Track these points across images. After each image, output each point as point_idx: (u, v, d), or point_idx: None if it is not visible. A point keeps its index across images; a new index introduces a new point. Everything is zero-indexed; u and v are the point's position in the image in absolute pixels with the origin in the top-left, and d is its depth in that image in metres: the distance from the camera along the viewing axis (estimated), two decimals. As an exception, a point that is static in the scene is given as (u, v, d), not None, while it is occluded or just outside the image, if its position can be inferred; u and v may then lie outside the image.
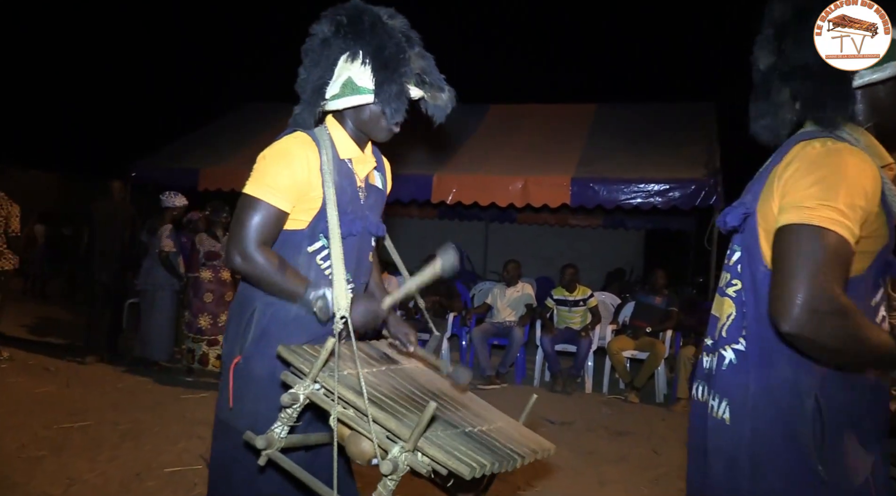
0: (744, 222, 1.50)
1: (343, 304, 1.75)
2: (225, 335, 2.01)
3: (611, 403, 6.17)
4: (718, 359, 1.52)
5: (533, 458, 1.75)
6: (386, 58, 1.86)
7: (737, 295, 1.51)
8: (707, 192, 6.66)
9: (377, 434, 1.48)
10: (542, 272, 10.88)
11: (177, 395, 5.49)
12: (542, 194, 7.11)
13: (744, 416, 1.44)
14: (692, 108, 8.86)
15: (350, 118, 1.97)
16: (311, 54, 1.92)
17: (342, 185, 1.93)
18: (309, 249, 1.92)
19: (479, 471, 1.45)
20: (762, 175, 1.50)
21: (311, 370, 1.60)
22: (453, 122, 8.08)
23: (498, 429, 1.82)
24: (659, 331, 6.58)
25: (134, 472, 3.73)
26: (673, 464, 4.48)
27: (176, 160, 8.44)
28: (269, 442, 1.60)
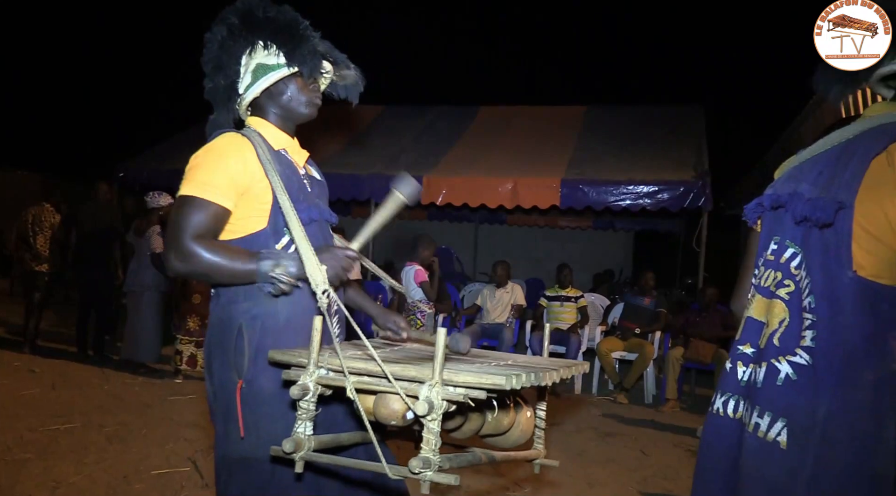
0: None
1: (320, 279, 1.66)
2: (208, 367, 1.87)
3: (600, 404, 6.19)
4: (769, 371, 1.34)
5: (568, 374, 1.68)
6: (286, 30, 1.85)
7: (791, 297, 1.35)
8: (695, 193, 6.71)
9: (401, 387, 1.41)
10: (532, 274, 10.92)
11: (164, 397, 5.46)
12: (532, 196, 7.14)
13: (808, 442, 1.24)
14: (681, 111, 8.93)
15: (271, 106, 1.93)
16: (211, 61, 1.90)
17: (285, 173, 1.86)
18: (277, 247, 1.82)
19: (516, 382, 1.38)
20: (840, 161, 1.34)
21: (310, 358, 1.54)
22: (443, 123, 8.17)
23: (525, 361, 1.81)
24: (648, 333, 6.61)
25: (121, 475, 3.70)
26: (661, 465, 4.49)
27: (163, 161, 8.40)
28: (296, 444, 1.50)
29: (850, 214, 1.26)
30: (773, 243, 1.43)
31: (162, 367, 6.39)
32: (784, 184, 1.45)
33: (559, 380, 1.60)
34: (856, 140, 1.33)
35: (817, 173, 1.37)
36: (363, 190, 7.61)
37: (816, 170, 1.38)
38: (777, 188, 1.47)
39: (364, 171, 7.58)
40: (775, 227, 1.44)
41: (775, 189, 1.47)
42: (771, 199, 1.46)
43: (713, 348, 6.22)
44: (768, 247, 1.45)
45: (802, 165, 1.44)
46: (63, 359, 6.53)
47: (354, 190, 7.57)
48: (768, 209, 1.47)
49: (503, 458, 1.79)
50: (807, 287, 1.32)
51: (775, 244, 1.43)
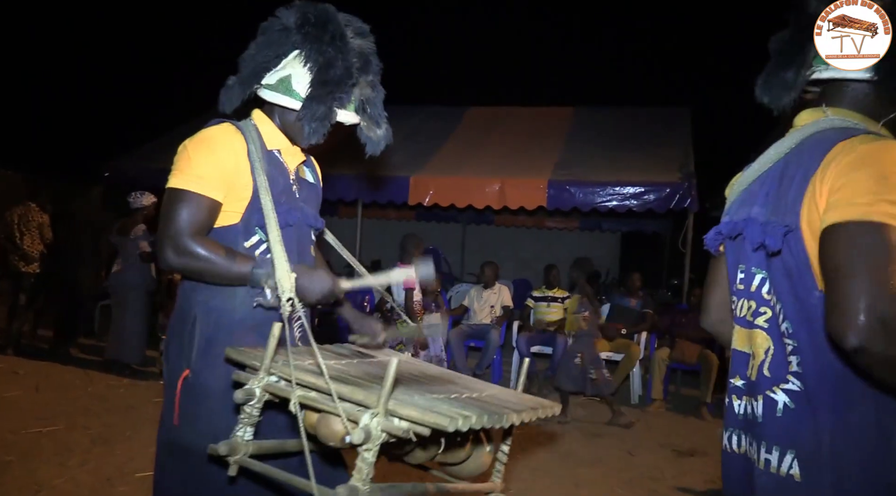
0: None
1: (287, 286, 1.64)
2: (165, 352, 1.88)
3: (586, 405, 6.21)
4: (766, 403, 1.30)
5: (534, 416, 1.64)
6: (328, 77, 1.81)
7: (770, 325, 1.33)
8: (682, 195, 6.74)
9: (344, 409, 1.38)
10: (520, 274, 10.94)
11: (149, 399, 5.41)
12: (519, 196, 7.16)
13: (820, 470, 1.21)
14: (668, 113, 8.99)
15: (278, 114, 1.91)
16: (267, 35, 1.86)
17: (272, 173, 1.84)
18: (245, 244, 1.81)
19: (463, 424, 1.33)
20: (783, 180, 1.32)
21: (262, 362, 1.52)
22: (431, 124, 8.16)
23: (491, 395, 1.74)
24: (634, 333, 6.64)
25: (105, 478, 3.67)
26: (647, 465, 4.52)
27: (151, 160, 8.34)
28: (232, 447, 1.49)
29: (800, 236, 1.24)
30: (740, 272, 1.41)
31: (147, 369, 6.34)
32: (738, 209, 1.44)
33: (518, 423, 1.56)
34: (793, 155, 1.33)
35: (765, 195, 1.36)
36: (350, 190, 7.59)
37: (764, 191, 1.37)
38: (732, 214, 1.46)
39: (351, 171, 7.56)
40: (739, 256, 1.42)
41: (731, 215, 1.46)
42: (728, 227, 1.45)
43: (698, 349, 6.26)
44: (736, 275, 1.43)
45: (752, 187, 1.43)
46: (47, 361, 6.46)
47: (341, 190, 7.55)
48: (728, 237, 1.46)
49: (453, 490, 1.75)
50: (781, 312, 1.30)
51: (742, 272, 1.41)
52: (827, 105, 1.39)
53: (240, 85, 1.87)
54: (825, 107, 1.38)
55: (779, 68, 1.42)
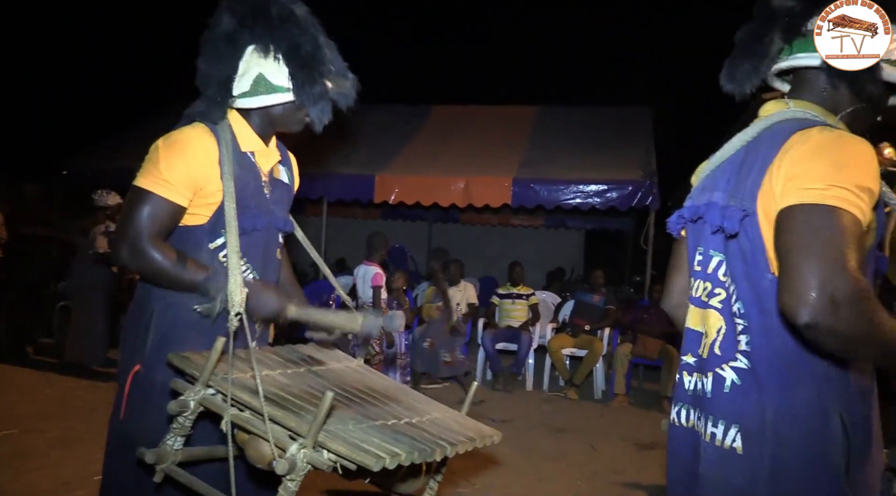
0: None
1: (237, 300, 1.64)
2: (121, 344, 1.88)
3: (551, 400, 6.28)
4: (715, 379, 1.36)
5: (470, 446, 1.67)
6: (304, 57, 1.79)
7: (723, 305, 1.38)
8: (643, 193, 6.86)
9: (275, 433, 1.39)
10: (486, 272, 11.00)
11: (111, 401, 5.29)
12: (484, 194, 7.21)
13: (761, 444, 1.27)
14: (630, 112, 9.12)
15: (259, 114, 1.89)
16: (212, 47, 1.82)
17: (244, 177, 1.84)
18: (210, 246, 1.81)
19: (390, 462, 1.36)
20: (743, 167, 1.37)
21: (202, 374, 1.51)
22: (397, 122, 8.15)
23: (432, 420, 1.74)
24: (597, 329, 6.73)
25: (62, 482, 3.61)
26: (609, 459, 4.59)
27: (110, 159, 8.19)
28: (160, 456, 1.49)
29: (756, 221, 1.29)
30: (699, 254, 1.46)
31: (108, 370, 6.23)
32: (700, 194, 1.49)
33: (452, 454, 1.58)
34: (755, 144, 1.38)
35: (726, 181, 1.41)
36: (315, 189, 7.56)
37: (725, 177, 1.42)
38: (695, 199, 1.50)
39: (316, 169, 7.52)
40: (698, 238, 1.47)
41: (693, 199, 1.51)
42: (690, 210, 1.49)
43: (660, 344, 6.38)
44: (694, 258, 1.48)
45: (714, 173, 1.47)
46: (2, 364, 6.30)
47: (306, 188, 7.46)
48: (689, 221, 1.51)
49: None
50: (734, 293, 1.35)
51: (700, 255, 1.46)
52: (790, 97, 1.44)
53: (213, 106, 1.84)
54: (788, 99, 1.43)
55: (742, 58, 1.47)
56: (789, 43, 1.42)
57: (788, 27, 1.41)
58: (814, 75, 1.42)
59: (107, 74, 18.62)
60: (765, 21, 1.44)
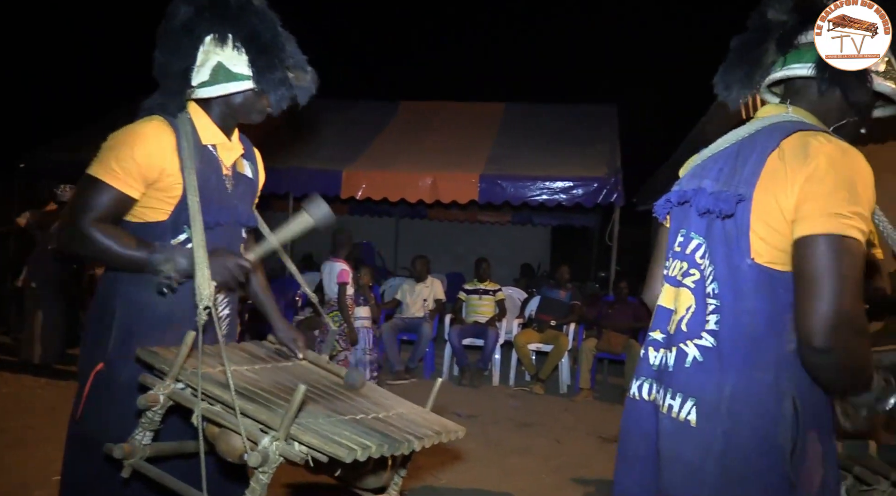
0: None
1: (206, 294, 1.63)
2: (82, 341, 1.86)
3: (517, 395, 6.33)
4: (678, 355, 1.41)
5: (436, 440, 1.69)
6: (264, 44, 1.79)
7: (696, 285, 1.43)
8: (608, 189, 6.94)
9: (246, 427, 1.39)
10: (453, 268, 11.03)
11: (71, 399, 5.21)
12: (451, 191, 7.23)
13: (716, 419, 1.33)
14: (595, 110, 9.22)
15: (219, 104, 1.87)
16: (169, 38, 1.81)
17: (204, 171, 1.82)
18: (173, 242, 1.80)
19: (361, 454, 1.38)
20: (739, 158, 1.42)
21: (171, 369, 1.51)
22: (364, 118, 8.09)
23: (398, 415, 1.77)
24: (563, 325, 6.80)
25: (20, 482, 3.53)
26: (574, 453, 4.65)
27: (71, 152, 8.00)
28: (128, 451, 1.49)
29: (749, 206, 1.34)
30: (680, 235, 1.51)
31: (68, 368, 6.10)
32: (689, 181, 1.54)
33: (419, 448, 1.61)
34: (751, 138, 1.43)
35: (718, 170, 1.46)
36: (281, 184, 7.49)
37: (717, 167, 1.47)
38: (683, 185, 1.56)
39: (282, 164, 7.46)
40: (682, 221, 1.52)
41: (681, 186, 1.56)
42: (677, 195, 1.54)
43: (624, 339, 6.47)
44: (675, 239, 1.53)
45: (705, 163, 1.53)
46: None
47: (272, 184, 7.39)
48: (675, 205, 1.56)
49: None
50: (711, 274, 1.39)
51: (682, 236, 1.51)
52: (790, 103, 1.49)
53: (171, 98, 1.82)
54: (789, 104, 1.48)
55: (737, 66, 1.52)
56: (783, 55, 1.47)
57: (782, 40, 1.46)
58: (806, 86, 1.47)
59: (67, 67, 18.18)
60: (760, 32, 1.49)
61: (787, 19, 1.45)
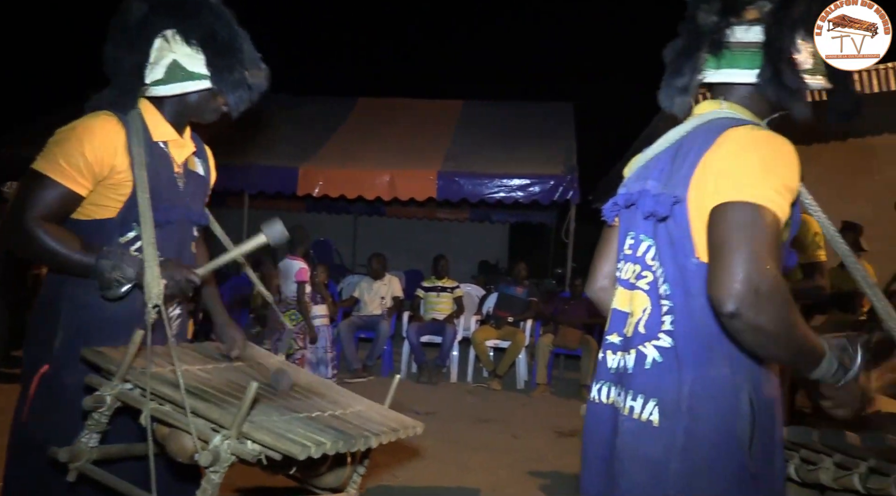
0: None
1: (155, 292, 1.60)
2: (26, 343, 1.82)
3: (475, 392, 6.37)
4: (637, 357, 1.42)
5: (393, 437, 1.69)
6: (222, 43, 1.76)
7: (650, 287, 1.44)
8: (565, 187, 7.03)
9: (197, 426, 1.37)
10: (412, 265, 11.00)
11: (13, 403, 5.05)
12: (409, 188, 7.23)
13: (676, 417, 1.34)
14: (552, 108, 9.31)
15: (172, 102, 1.84)
16: (121, 34, 1.77)
17: (155, 168, 1.79)
18: (121, 240, 1.75)
19: (315, 451, 1.37)
20: (677, 158, 1.43)
21: (119, 369, 1.48)
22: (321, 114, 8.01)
23: (355, 413, 1.76)
24: (520, 321, 6.86)
25: (-38, 488, 3.41)
26: (530, 448, 4.70)
27: (18, 148, 7.74)
28: (74, 454, 1.46)
29: (685, 208, 1.35)
30: (630, 238, 1.52)
31: (11, 371, 5.89)
32: (634, 182, 1.55)
33: (376, 445, 1.60)
34: (690, 137, 1.44)
35: (659, 171, 1.47)
36: (236, 181, 7.39)
37: (659, 167, 1.48)
38: (629, 187, 1.57)
39: (237, 161, 7.35)
40: (630, 224, 1.53)
41: (627, 188, 1.57)
42: (624, 197, 1.55)
43: (580, 334, 6.56)
44: (625, 242, 1.54)
45: (648, 163, 1.54)
46: None
47: (227, 181, 7.32)
48: (623, 207, 1.57)
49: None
50: (662, 276, 1.41)
51: (632, 239, 1.51)
52: (723, 99, 1.50)
53: (124, 94, 1.78)
54: (722, 100, 1.49)
55: (674, 76, 1.52)
56: (716, 56, 1.47)
57: (714, 42, 1.46)
58: (739, 86, 1.48)
59: (15, 62, 17.57)
60: (692, 37, 1.49)
61: (717, 20, 1.46)
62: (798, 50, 1.41)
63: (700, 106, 1.53)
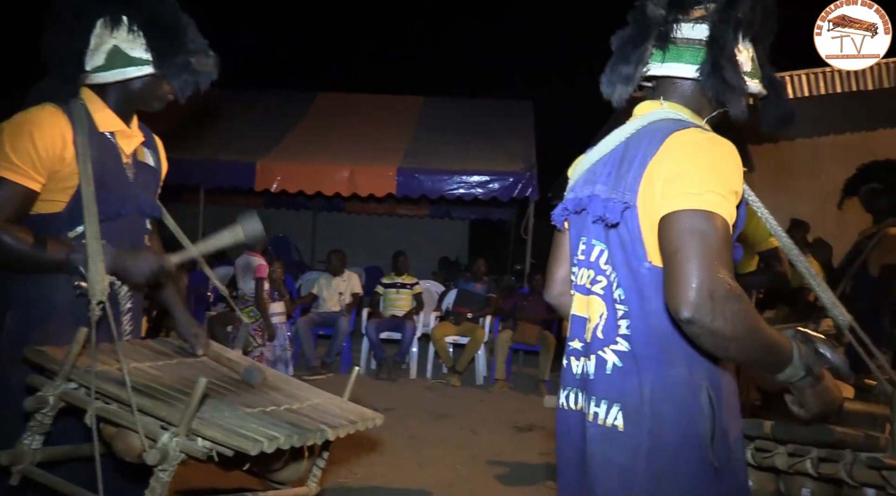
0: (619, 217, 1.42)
1: (99, 289, 1.57)
2: None
3: (434, 388, 6.39)
4: (598, 362, 1.43)
5: (352, 429, 1.68)
6: (165, 27, 1.73)
7: (605, 292, 1.45)
8: (524, 184, 7.09)
9: (145, 424, 1.35)
10: (372, 261, 10.96)
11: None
12: (369, 184, 7.21)
13: (640, 420, 1.36)
14: (512, 105, 9.38)
15: (116, 90, 1.80)
16: (59, 20, 1.73)
17: (102, 160, 1.75)
18: (70, 234, 1.72)
19: (268, 446, 1.36)
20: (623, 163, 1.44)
21: (62, 368, 1.45)
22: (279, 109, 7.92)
23: (312, 406, 1.75)
24: (479, 317, 6.90)
25: None
26: (489, 443, 4.74)
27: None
28: (16, 457, 1.42)
29: (636, 213, 1.37)
30: (582, 243, 1.53)
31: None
32: (582, 187, 1.55)
33: (333, 438, 1.60)
34: (635, 139, 1.45)
35: (607, 174, 1.48)
36: (193, 175, 7.26)
37: (607, 171, 1.49)
38: (577, 191, 1.57)
39: (194, 155, 7.23)
40: (581, 229, 1.54)
41: (576, 192, 1.58)
42: (574, 202, 1.56)
43: (538, 330, 6.63)
44: (578, 247, 1.55)
45: (595, 167, 1.54)
46: None
47: (183, 175, 7.19)
48: (573, 212, 1.57)
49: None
50: (615, 280, 1.42)
51: (584, 244, 1.52)
52: (663, 99, 1.51)
53: (64, 84, 1.74)
54: (662, 100, 1.50)
55: (619, 64, 1.53)
56: (661, 50, 1.49)
57: (661, 35, 1.48)
58: (682, 82, 1.49)
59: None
60: (640, 28, 1.50)
61: (664, 13, 1.48)
62: (739, 50, 1.44)
63: (641, 106, 1.54)
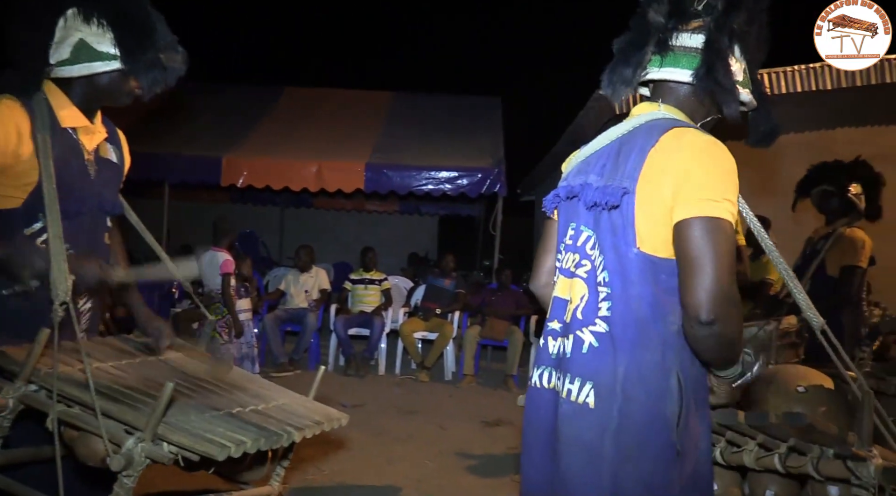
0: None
1: (61, 290, 1.53)
2: None
3: (402, 384, 6.38)
4: (575, 342, 1.49)
5: (318, 430, 1.68)
6: (132, 23, 1.71)
7: (588, 275, 1.51)
8: (492, 180, 7.12)
9: (109, 428, 1.33)
10: (340, 257, 10.91)
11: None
12: (337, 179, 7.18)
13: (611, 398, 1.41)
14: (481, 102, 9.42)
15: (81, 84, 1.77)
16: (23, 11, 1.70)
17: (63, 156, 1.72)
18: (26, 231, 1.68)
19: (235, 451, 1.35)
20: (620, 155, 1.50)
21: (22, 370, 1.42)
22: (245, 103, 7.85)
23: (278, 406, 1.74)
24: (448, 313, 6.92)
25: None
26: (457, 438, 4.76)
27: None
28: None
29: (633, 199, 1.43)
30: (571, 229, 1.58)
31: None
32: (575, 176, 1.62)
33: (299, 439, 1.60)
34: (630, 136, 1.52)
35: (601, 166, 1.54)
36: (158, 170, 7.17)
37: (600, 163, 1.55)
38: (570, 180, 1.64)
39: (158, 149, 7.11)
40: (571, 215, 1.59)
41: (568, 181, 1.64)
42: (566, 190, 1.62)
43: (506, 325, 6.67)
44: (566, 233, 1.59)
45: (588, 160, 1.61)
46: None
47: (147, 170, 7.07)
48: (564, 199, 1.63)
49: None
50: (601, 264, 1.48)
51: (572, 230, 1.58)
52: (661, 101, 1.58)
53: (28, 76, 1.70)
54: (660, 102, 1.57)
55: (620, 66, 1.59)
56: (660, 55, 1.56)
57: (660, 42, 1.54)
58: (678, 86, 1.57)
59: None
60: (641, 33, 1.57)
61: (664, 21, 1.54)
62: (733, 60, 1.52)
63: (638, 107, 1.61)
